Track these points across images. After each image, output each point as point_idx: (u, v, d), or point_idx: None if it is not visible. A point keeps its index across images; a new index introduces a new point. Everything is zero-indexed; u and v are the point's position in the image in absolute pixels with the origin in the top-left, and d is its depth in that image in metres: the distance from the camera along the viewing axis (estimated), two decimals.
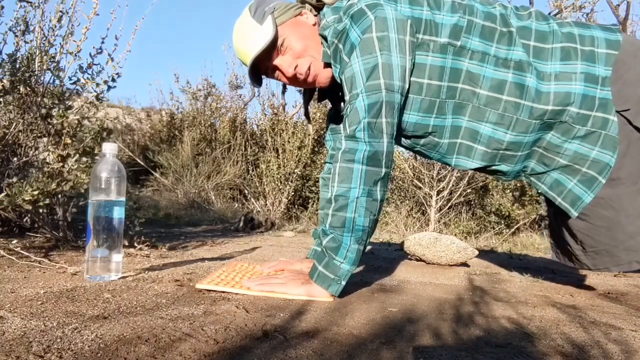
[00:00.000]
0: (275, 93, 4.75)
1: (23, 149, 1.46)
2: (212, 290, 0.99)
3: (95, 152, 1.43)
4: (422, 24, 0.99)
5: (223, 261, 1.40)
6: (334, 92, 1.19)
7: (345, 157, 0.97)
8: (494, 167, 1.10)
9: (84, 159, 1.40)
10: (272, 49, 1.04)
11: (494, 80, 1.01)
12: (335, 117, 1.24)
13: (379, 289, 1.11)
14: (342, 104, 1.16)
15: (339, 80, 1.05)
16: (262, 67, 1.08)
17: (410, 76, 1.00)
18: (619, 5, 3.08)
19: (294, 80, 1.09)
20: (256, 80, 1.12)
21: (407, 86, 0.99)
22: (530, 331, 0.81)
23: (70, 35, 1.52)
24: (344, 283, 0.96)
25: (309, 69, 1.06)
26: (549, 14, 3.57)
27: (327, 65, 1.08)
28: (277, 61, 1.07)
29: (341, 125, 1.07)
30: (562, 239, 1.17)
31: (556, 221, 1.18)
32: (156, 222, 2.78)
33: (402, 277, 1.30)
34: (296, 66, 1.06)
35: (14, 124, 1.41)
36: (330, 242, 0.95)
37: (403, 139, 1.14)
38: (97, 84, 1.52)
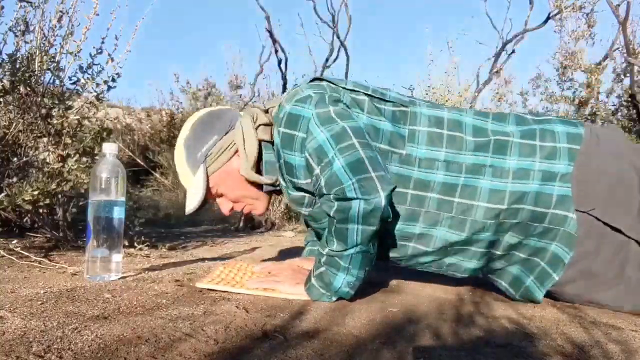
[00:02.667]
0: (275, 93, 4.74)
1: (23, 149, 1.46)
2: (212, 290, 0.99)
3: (95, 152, 1.43)
4: (364, 128, 0.97)
5: (223, 261, 1.40)
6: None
7: (339, 216, 0.91)
8: (447, 260, 1.05)
9: (84, 159, 1.40)
10: (207, 192, 1.07)
11: (445, 185, 0.98)
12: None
13: (379, 289, 1.11)
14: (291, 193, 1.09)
15: (296, 161, 1.00)
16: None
17: None
18: (619, 5, 3.07)
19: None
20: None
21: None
22: (530, 331, 0.81)
23: (70, 35, 1.52)
24: (334, 299, 0.95)
25: (243, 209, 1.14)
26: (549, 14, 3.57)
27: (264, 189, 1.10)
28: (217, 200, 1.13)
29: (322, 214, 1.03)
30: None
31: None
32: (156, 222, 2.78)
33: (402, 277, 1.30)
34: (231, 208, 1.13)
35: (14, 124, 1.41)
36: (324, 276, 0.94)
37: None
38: (97, 84, 1.52)
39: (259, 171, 1.08)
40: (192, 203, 1.06)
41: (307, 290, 0.95)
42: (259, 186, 1.09)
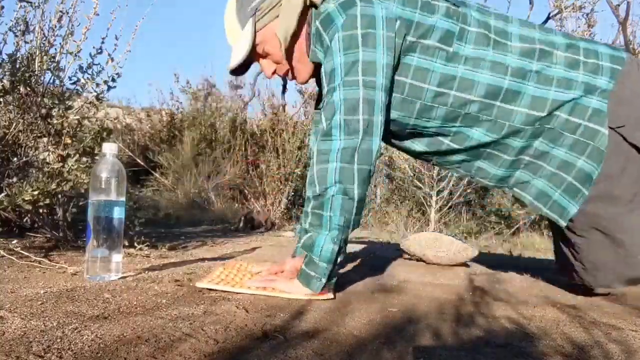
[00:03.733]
0: (275, 93, 4.75)
1: (23, 149, 1.46)
2: (211, 290, 0.99)
3: (95, 152, 1.43)
4: (413, 25, 0.98)
5: (223, 261, 1.40)
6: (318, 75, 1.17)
7: (320, 158, 0.97)
8: (477, 164, 1.09)
9: (84, 159, 1.40)
10: (252, 50, 1.05)
11: (489, 86, 1.00)
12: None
13: (379, 289, 1.11)
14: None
15: (322, 62, 1.03)
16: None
17: (394, 75, 0.99)
18: (619, 5, 3.07)
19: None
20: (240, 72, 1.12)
21: (389, 84, 0.98)
22: (530, 331, 0.81)
23: (70, 35, 1.52)
24: (324, 280, 0.94)
25: (286, 72, 1.11)
26: (549, 14, 3.58)
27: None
28: (260, 61, 1.10)
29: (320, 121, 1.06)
30: (563, 255, 1.15)
31: (557, 236, 1.17)
32: (156, 222, 2.78)
33: (402, 277, 1.30)
34: (274, 71, 1.10)
35: (14, 124, 1.41)
36: (308, 239, 0.96)
37: (394, 139, 1.14)
38: (97, 84, 1.52)
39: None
40: (237, 57, 1.05)
41: (298, 278, 0.96)
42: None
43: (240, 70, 1.11)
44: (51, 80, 1.51)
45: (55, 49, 1.51)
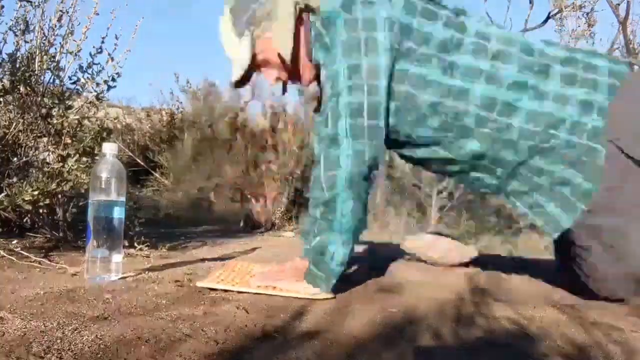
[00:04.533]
0: (275, 93, 4.74)
1: (23, 149, 1.46)
2: (212, 290, 0.98)
3: (95, 152, 1.43)
4: (411, 31, 0.98)
5: (223, 261, 1.40)
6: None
7: (328, 164, 0.96)
8: (473, 175, 1.08)
9: (84, 159, 1.40)
10: (253, 60, 1.05)
11: (484, 98, 0.99)
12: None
13: (379, 290, 1.11)
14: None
15: (324, 64, 1.03)
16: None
17: (392, 81, 0.99)
18: (619, 4, 3.07)
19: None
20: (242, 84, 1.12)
21: (388, 88, 0.98)
22: (530, 332, 0.81)
23: (70, 35, 1.52)
24: (334, 281, 0.96)
25: (289, 78, 1.11)
26: (549, 13, 3.58)
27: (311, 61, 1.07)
28: (260, 71, 1.10)
29: (323, 127, 1.06)
30: (565, 264, 1.14)
31: (558, 246, 1.16)
32: (156, 223, 2.78)
33: (402, 277, 1.30)
34: (277, 77, 1.10)
35: (14, 124, 1.41)
36: (318, 243, 0.96)
37: (393, 146, 1.13)
38: (97, 84, 1.52)
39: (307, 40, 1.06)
40: (238, 69, 1.05)
41: (307, 280, 0.97)
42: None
43: (242, 82, 1.10)
44: (51, 80, 1.51)
45: (55, 49, 1.51)
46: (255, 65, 1.08)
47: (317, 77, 1.12)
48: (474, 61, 0.99)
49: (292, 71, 1.10)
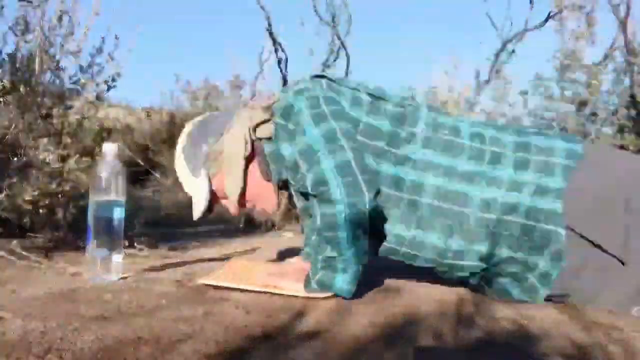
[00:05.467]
0: (275, 93, 4.74)
1: (23, 149, 1.46)
2: (214, 288, 0.98)
3: (96, 152, 1.43)
4: (360, 124, 1.00)
5: (223, 261, 1.40)
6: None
7: (325, 226, 0.93)
8: (440, 269, 1.05)
9: (84, 159, 1.40)
10: (212, 196, 1.08)
11: (439, 189, 0.98)
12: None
13: (379, 290, 1.11)
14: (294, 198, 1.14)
15: (287, 154, 1.02)
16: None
17: None
18: (619, 5, 3.07)
19: None
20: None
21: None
22: (531, 332, 0.81)
23: (70, 35, 1.52)
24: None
25: (252, 207, 1.14)
26: (549, 13, 3.57)
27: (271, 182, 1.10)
28: (223, 202, 1.12)
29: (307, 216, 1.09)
30: None
31: None
32: (156, 222, 2.78)
33: (402, 277, 1.30)
34: (239, 208, 1.12)
35: (14, 124, 1.41)
36: (324, 277, 0.95)
37: None
38: (97, 84, 1.52)
39: (266, 164, 1.08)
40: (198, 209, 1.08)
41: (306, 287, 0.96)
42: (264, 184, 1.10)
43: (207, 213, 1.12)
44: (51, 80, 1.51)
45: (55, 49, 1.51)
46: (215, 200, 1.11)
47: (280, 202, 1.16)
48: (426, 153, 0.99)
49: (251, 202, 1.13)
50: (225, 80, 5.01)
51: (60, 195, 1.42)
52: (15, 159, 1.44)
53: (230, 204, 1.12)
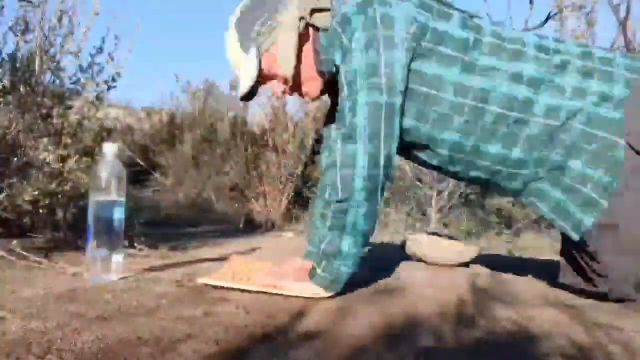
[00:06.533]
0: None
1: (23, 149, 1.46)
2: (214, 287, 0.98)
3: (95, 152, 1.43)
4: (428, 30, 0.98)
5: (223, 262, 1.40)
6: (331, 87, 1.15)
7: (343, 161, 0.96)
8: (493, 181, 1.08)
9: (84, 159, 1.40)
10: (260, 74, 1.05)
11: (504, 96, 0.99)
12: (332, 116, 1.20)
13: (379, 290, 1.11)
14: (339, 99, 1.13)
15: (337, 68, 1.02)
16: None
17: (410, 82, 0.99)
18: (619, 5, 3.07)
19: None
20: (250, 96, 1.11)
21: (405, 88, 0.98)
22: (531, 332, 0.81)
23: (70, 35, 1.52)
24: (342, 284, 0.97)
25: (296, 91, 1.11)
26: (549, 13, 3.57)
27: (320, 73, 1.07)
28: (267, 84, 1.10)
29: (336, 126, 1.05)
30: (575, 260, 1.12)
31: (567, 244, 1.14)
32: (156, 223, 2.78)
33: (402, 277, 1.30)
34: (283, 90, 1.09)
35: (14, 124, 1.41)
36: (329, 245, 0.96)
37: (408, 151, 1.13)
38: (97, 84, 1.52)
39: (316, 51, 1.05)
40: (245, 83, 1.04)
41: (312, 279, 0.97)
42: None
43: (250, 95, 1.09)
44: (51, 80, 1.51)
45: (55, 49, 1.51)
46: (262, 79, 1.07)
47: (323, 92, 1.12)
48: (492, 61, 1.00)
49: (296, 86, 1.10)
50: (226, 80, 5.01)
51: (60, 195, 1.42)
52: (15, 159, 1.44)
53: (278, 83, 1.08)
